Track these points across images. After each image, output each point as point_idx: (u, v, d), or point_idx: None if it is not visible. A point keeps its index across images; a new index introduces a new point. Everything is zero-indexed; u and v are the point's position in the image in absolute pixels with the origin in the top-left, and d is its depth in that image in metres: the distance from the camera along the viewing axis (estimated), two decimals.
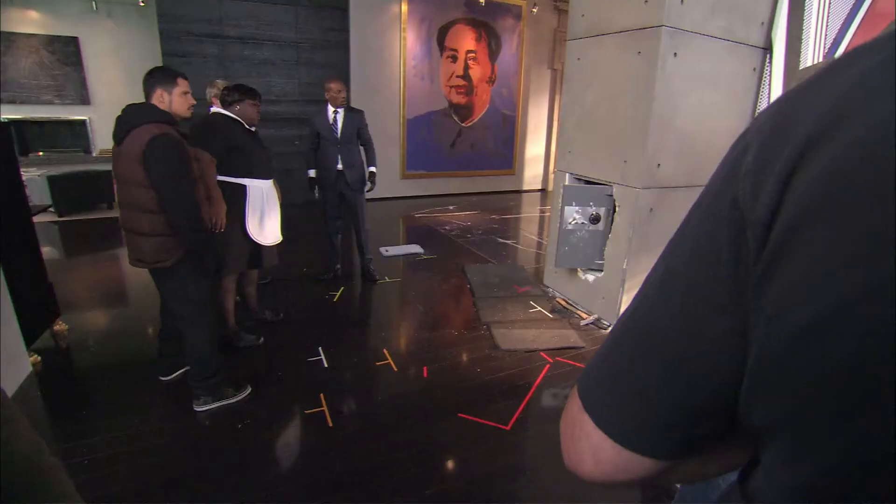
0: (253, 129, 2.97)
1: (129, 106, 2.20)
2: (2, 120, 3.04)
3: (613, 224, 3.42)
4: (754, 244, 0.32)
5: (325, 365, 2.92)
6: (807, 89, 0.32)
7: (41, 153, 7.21)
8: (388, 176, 7.98)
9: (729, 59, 3.18)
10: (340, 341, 3.23)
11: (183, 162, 2.17)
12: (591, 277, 3.68)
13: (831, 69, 0.31)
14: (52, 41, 7.08)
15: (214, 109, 3.02)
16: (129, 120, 2.15)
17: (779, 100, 0.34)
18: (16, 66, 6.97)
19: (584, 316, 3.65)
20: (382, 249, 5.17)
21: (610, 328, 3.47)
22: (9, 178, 2.82)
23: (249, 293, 3.32)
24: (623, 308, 3.43)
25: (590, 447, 0.43)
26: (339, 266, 4.33)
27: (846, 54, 0.31)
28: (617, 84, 3.27)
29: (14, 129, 6.50)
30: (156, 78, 2.24)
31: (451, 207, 7.69)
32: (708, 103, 3.20)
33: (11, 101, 7.02)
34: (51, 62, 7.13)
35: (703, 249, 0.36)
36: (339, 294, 4.02)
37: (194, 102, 2.38)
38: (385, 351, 3.10)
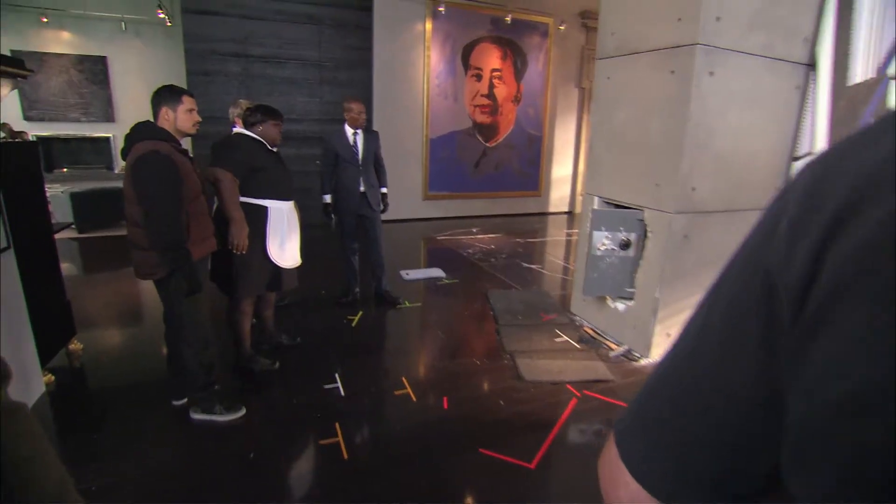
0: (275, 149, 3.03)
1: (135, 124, 2.32)
2: (31, 138, 3.16)
3: (645, 250, 3.36)
4: (788, 311, 0.32)
5: (342, 393, 2.90)
6: (842, 154, 0.32)
7: (65, 169, 7.49)
8: (409, 197, 8.05)
9: (769, 77, 3.14)
10: (358, 368, 3.21)
11: (167, 179, 2.24)
12: (621, 306, 3.61)
13: (866, 135, 0.32)
14: (81, 61, 7.42)
15: (237, 130, 3.09)
16: (131, 138, 2.28)
17: (814, 162, 0.34)
18: (46, 84, 7.30)
19: (614, 347, 3.58)
20: (403, 273, 5.17)
21: (651, 367, 3.38)
22: (35, 195, 2.92)
23: (267, 316, 3.34)
24: (654, 339, 3.37)
25: (627, 494, 0.44)
26: (358, 289, 4.34)
27: (882, 119, 0.31)
28: (649, 104, 3.25)
29: (41, 147, 6.77)
30: (161, 96, 2.36)
31: (474, 230, 7.69)
32: (747, 123, 3.15)
33: (41, 119, 7.34)
34: (79, 81, 7.46)
35: (737, 310, 0.37)
36: (357, 318, 4.02)
37: (199, 120, 2.47)
38: (404, 379, 3.07)
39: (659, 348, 3.35)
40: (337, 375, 3.07)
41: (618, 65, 3.52)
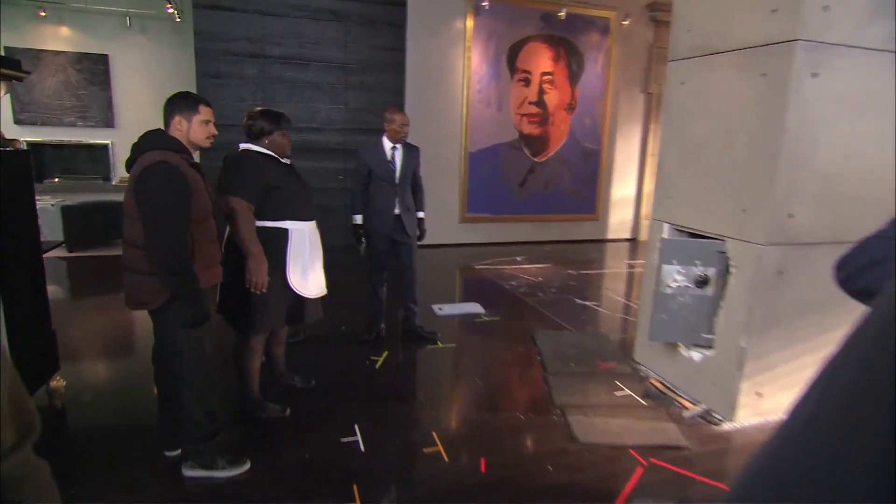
0: (287, 161, 3.07)
1: (144, 133, 2.39)
2: (23, 146, 3.28)
3: (727, 289, 3.27)
4: None
5: (362, 448, 2.88)
6: None
7: (56, 179, 7.80)
8: (444, 219, 8.11)
9: (893, 77, 3.03)
10: (381, 418, 3.19)
11: (175, 192, 2.28)
12: (697, 356, 3.50)
13: None
14: (80, 59, 7.81)
15: (244, 146, 3.10)
16: (138, 147, 2.34)
17: None
18: (41, 84, 7.68)
19: (689, 405, 3.45)
20: (435, 307, 5.17)
21: (737, 432, 3.24)
22: (24, 211, 3.02)
23: (277, 354, 3.36)
24: (741, 398, 3.24)
25: None
26: (383, 325, 4.34)
27: None
28: (733, 114, 3.20)
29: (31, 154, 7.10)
30: (175, 104, 2.43)
31: (518, 259, 7.67)
32: (862, 135, 3.03)
33: (32, 123, 7.71)
34: (77, 81, 7.83)
35: (858, 404, 0.36)
36: (381, 359, 4.01)
37: (215, 132, 2.54)
38: (434, 434, 3.03)
39: (746, 410, 3.21)
40: (357, 427, 3.04)
41: (695, 67, 3.49)
